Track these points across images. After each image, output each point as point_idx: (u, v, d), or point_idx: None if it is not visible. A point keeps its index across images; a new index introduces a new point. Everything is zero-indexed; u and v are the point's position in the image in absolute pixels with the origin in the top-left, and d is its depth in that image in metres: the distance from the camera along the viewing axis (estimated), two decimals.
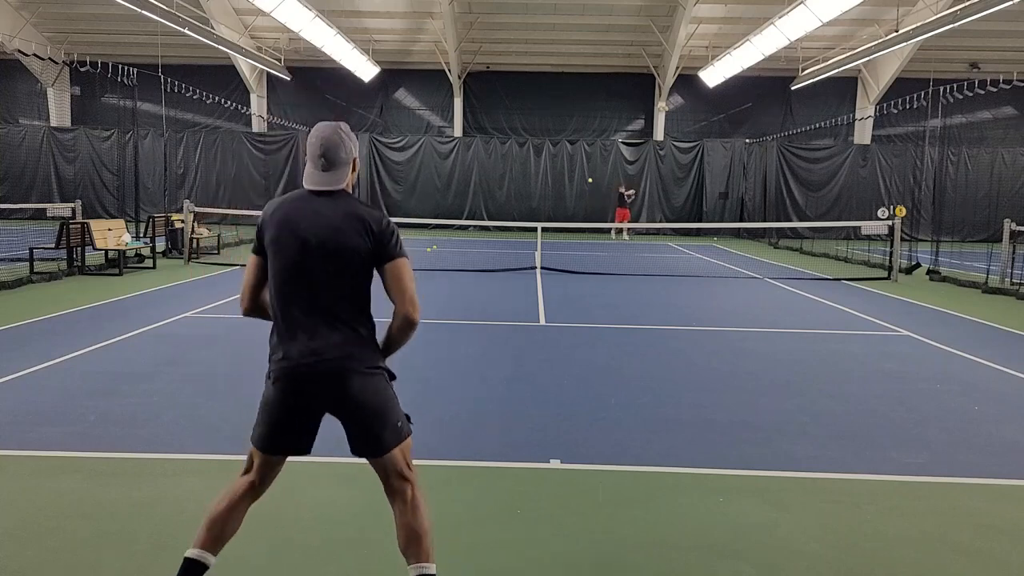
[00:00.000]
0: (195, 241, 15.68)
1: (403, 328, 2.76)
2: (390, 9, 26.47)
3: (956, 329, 9.37)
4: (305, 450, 2.81)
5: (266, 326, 2.87)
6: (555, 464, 4.46)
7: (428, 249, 8.22)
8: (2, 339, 7.51)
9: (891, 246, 14.85)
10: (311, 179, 2.74)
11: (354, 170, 2.82)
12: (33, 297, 10.23)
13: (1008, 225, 13.56)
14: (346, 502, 3.91)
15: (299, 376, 2.67)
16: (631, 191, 26.24)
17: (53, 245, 12.72)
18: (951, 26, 17.14)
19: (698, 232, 28.02)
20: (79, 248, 12.79)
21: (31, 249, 12.20)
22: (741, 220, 27.93)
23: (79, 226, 12.96)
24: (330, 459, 4.47)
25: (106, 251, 13.39)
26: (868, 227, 15.99)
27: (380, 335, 2.79)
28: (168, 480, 4.12)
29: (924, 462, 4.65)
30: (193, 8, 20.79)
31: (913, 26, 19.64)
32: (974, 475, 4.45)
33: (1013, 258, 13.52)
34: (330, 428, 5.21)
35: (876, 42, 21.45)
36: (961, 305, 11.30)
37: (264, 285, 2.81)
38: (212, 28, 22.27)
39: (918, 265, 15.86)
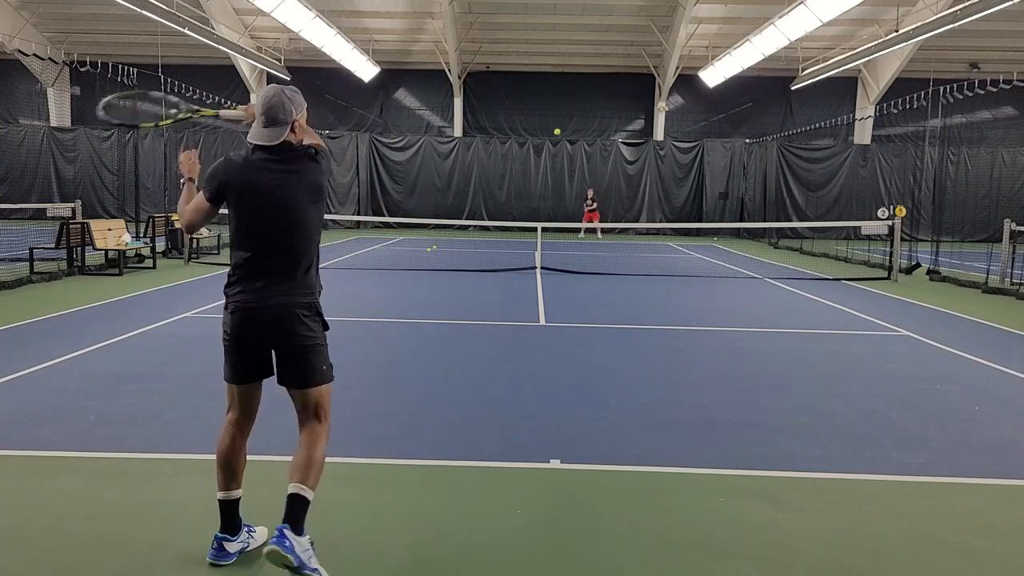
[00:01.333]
0: (195, 241, 15.68)
1: None
2: (390, 9, 26.48)
3: (956, 329, 9.37)
4: (270, 372, 3.28)
5: None
6: (555, 464, 4.46)
7: (428, 249, 8.20)
8: (2, 339, 7.51)
9: (891, 246, 14.85)
10: (256, 135, 3.14)
11: (294, 131, 3.15)
12: (33, 297, 10.23)
13: (1008, 225, 13.56)
14: (344, 502, 3.91)
15: (246, 314, 3.21)
16: (591, 194, 26.20)
17: (53, 245, 12.72)
18: (951, 26, 17.14)
19: (698, 232, 28.02)
20: (79, 248, 12.79)
21: (31, 249, 12.20)
22: (741, 220, 27.94)
23: (79, 226, 12.96)
24: (330, 459, 4.47)
25: (106, 251, 13.40)
26: (868, 227, 15.99)
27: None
28: (168, 480, 4.12)
29: (924, 462, 4.65)
30: (193, 8, 20.80)
31: (913, 26, 19.64)
32: (974, 475, 4.45)
33: (1013, 258, 13.52)
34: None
35: (876, 42, 21.45)
36: (961, 305, 11.30)
37: (205, 223, 3.40)
38: (212, 28, 22.27)
39: (918, 265, 15.86)
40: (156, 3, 17.60)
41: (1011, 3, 15.12)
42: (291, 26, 22.13)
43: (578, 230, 25.37)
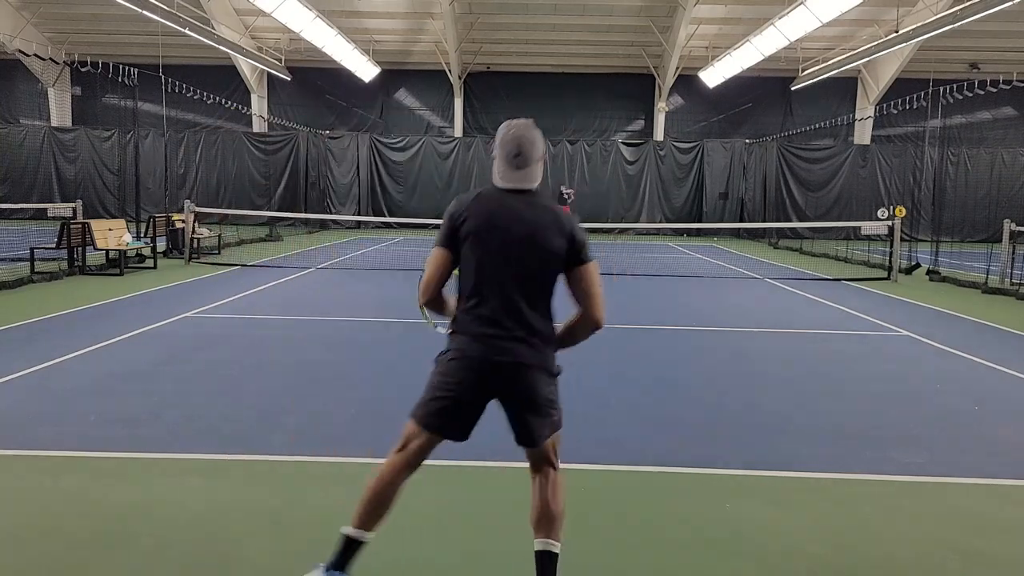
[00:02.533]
0: (196, 241, 15.68)
1: (589, 329, 2.98)
2: (390, 9, 26.49)
3: (956, 329, 9.37)
4: (466, 437, 2.86)
5: (265, 326, 2.88)
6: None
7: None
8: (2, 339, 7.51)
9: (891, 246, 14.85)
10: (506, 177, 2.81)
11: (544, 168, 2.89)
12: (34, 297, 10.23)
13: (1008, 225, 13.56)
14: (346, 502, 3.90)
15: (484, 366, 2.76)
16: (571, 190, 26.13)
17: (54, 245, 12.72)
18: (951, 26, 17.15)
19: (698, 232, 28.02)
20: (80, 248, 12.79)
21: (32, 249, 12.20)
22: (741, 220, 27.93)
23: (80, 226, 12.96)
24: (330, 459, 4.48)
25: (107, 251, 13.39)
26: (868, 227, 15.99)
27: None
28: (168, 480, 4.12)
29: (924, 462, 4.65)
30: (194, 8, 20.81)
31: (913, 26, 19.65)
32: (974, 475, 4.45)
33: (1013, 258, 13.52)
34: (327, 428, 5.22)
35: (876, 42, 21.46)
36: (961, 305, 11.30)
37: (447, 278, 2.88)
38: (213, 28, 22.28)
39: (918, 265, 15.86)
40: (157, 3, 17.61)
41: (1011, 3, 15.13)
42: (292, 26, 22.14)
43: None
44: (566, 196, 25.36)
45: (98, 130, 27.53)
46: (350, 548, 2.86)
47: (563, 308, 3.04)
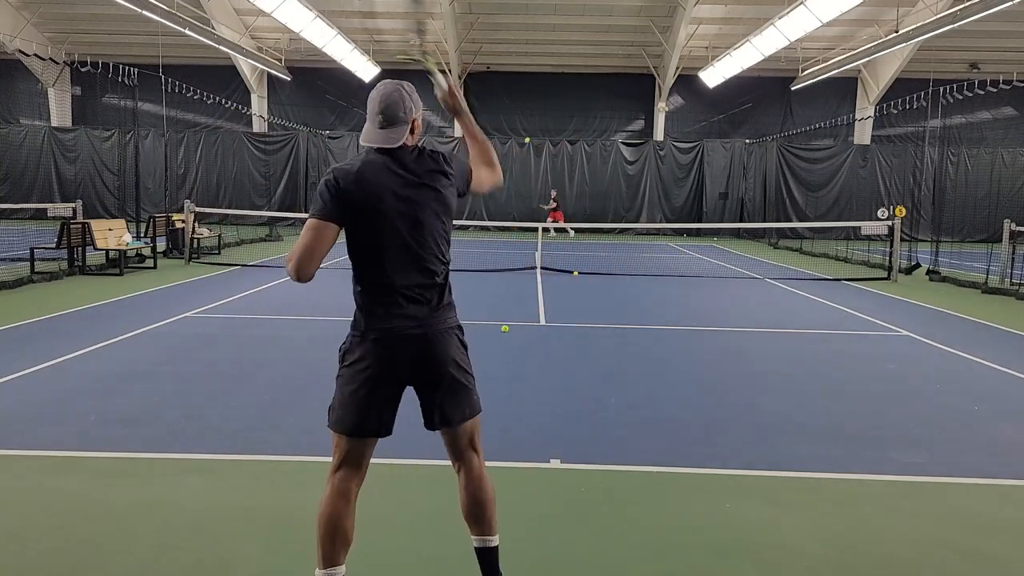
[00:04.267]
0: (196, 241, 15.68)
1: (492, 174, 3.11)
2: (390, 9, 26.49)
3: (956, 329, 9.37)
4: (390, 430, 2.71)
5: (264, 326, 2.87)
6: (555, 464, 4.47)
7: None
8: (3, 339, 7.51)
9: (891, 246, 14.85)
10: (370, 136, 2.72)
11: (413, 132, 2.76)
12: (34, 297, 10.23)
13: (1008, 225, 13.56)
14: None
15: (398, 341, 2.61)
16: (553, 195, 26.04)
17: (54, 245, 12.72)
18: (951, 26, 17.15)
19: (698, 232, 28.01)
20: (80, 248, 12.79)
21: (32, 249, 12.20)
22: (741, 220, 27.93)
23: (80, 226, 12.96)
24: (330, 459, 4.47)
25: (107, 251, 13.40)
26: (868, 227, 15.99)
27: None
28: (168, 480, 4.12)
29: (924, 462, 4.65)
30: (194, 8, 20.81)
31: (913, 26, 19.65)
32: (974, 475, 4.45)
33: (1013, 258, 13.52)
34: (327, 428, 5.20)
35: (876, 42, 21.46)
36: (961, 305, 11.30)
37: (326, 253, 2.61)
38: (213, 28, 22.28)
39: (918, 265, 15.86)
40: (156, 3, 17.61)
41: (1011, 3, 15.12)
42: (292, 26, 22.14)
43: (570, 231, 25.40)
44: (553, 201, 25.40)
45: (98, 130, 27.53)
46: None
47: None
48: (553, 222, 23.93)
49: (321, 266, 2.64)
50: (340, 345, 2.71)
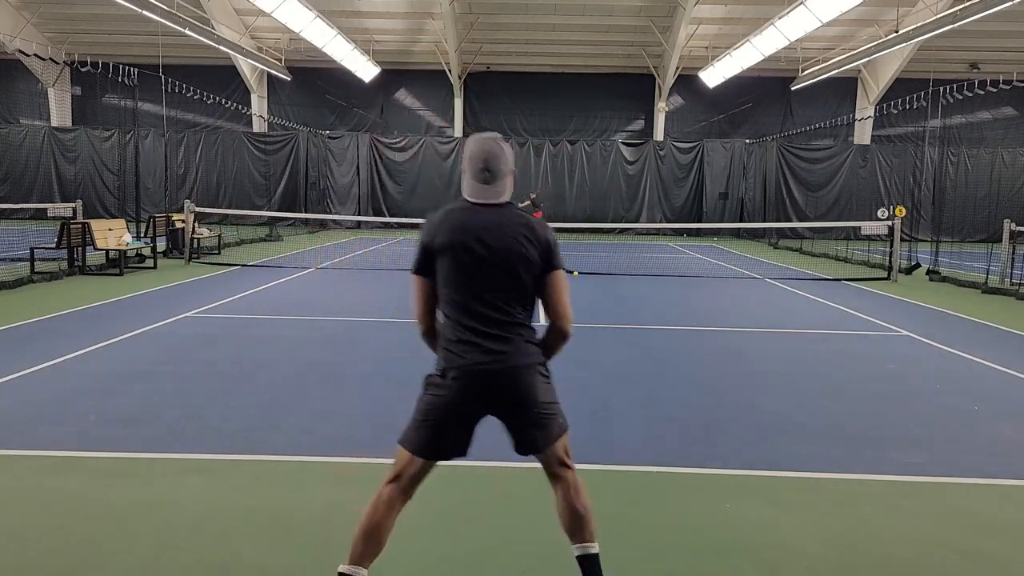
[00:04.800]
0: (196, 241, 15.68)
1: (558, 339, 2.92)
2: (390, 9, 26.49)
3: (956, 329, 9.37)
4: (464, 453, 2.84)
5: (265, 326, 2.87)
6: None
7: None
8: (3, 339, 7.51)
9: (891, 246, 14.85)
10: (475, 192, 2.82)
11: (514, 181, 2.92)
12: (34, 297, 10.23)
13: (1008, 225, 13.56)
14: (346, 502, 3.91)
15: (478, 376, 2.73)
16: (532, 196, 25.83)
17: (54, 245, 12.72)
18: (951, 26, 17.16)
19: (698, 232, 28.02)
20: (80, 248, 12.79)
21: (32, 249, 12.21)
22: (741, 220, 27.94)
23: (80, 226, 12.96)
24: (330, 459, 4.48)
25: (107, 251, 13.40)
26: (868, 227, 15.99)
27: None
28: (168, 480, 4.12)
29: (924, 462, 4.65)
30: (194, 8, 20.81)
31: (913, 26, 19.65)
32: (974, 475, 4.45)
33: (1013, 258, 13.52)
34: (327, 428, 5.22)
35: (876, 42, 21.46)
36: (961, 305, 11.30)
37: (435, 304, 2.87)
38: (213, 28, 22.29)
39: (918, 265, 15.86)
40: (156, 3, 17.61)
41: (1011, 3, 15.13)
42: (292, 26, 22.14)
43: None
44: (535, 201, 25.06)
45: (98, 130, 27.54)
46: None
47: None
48: None
49: (321, 266, 2.68)
50: (425, 376, 2.88)
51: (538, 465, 2.88)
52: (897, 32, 19.95)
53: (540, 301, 2.89)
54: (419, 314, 2.89)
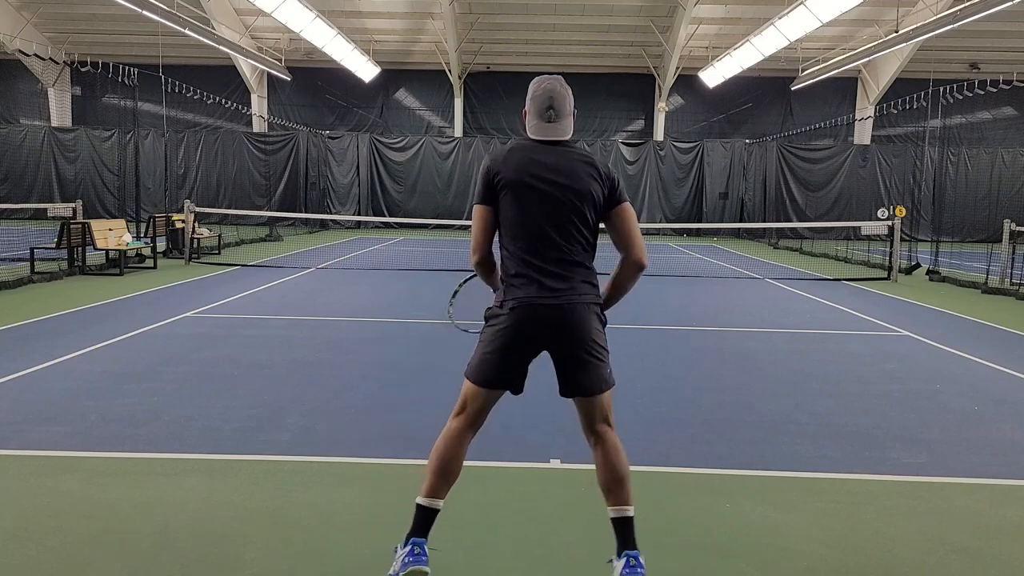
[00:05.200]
0: (196, 241, 15.68)
1: (633, 271, 3.05)
2: (390, 10, 26.50)
3: (956, 329, 9.37)
4: (521, 389, 2.96)
5: (265, 326, 2.88)
6: (555, 464, 4.46)
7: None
8: (3, 339, 7.51)
9: (891, 246, 14.85)
10: (540, 130, 2.93)
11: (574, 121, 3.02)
12: (34, 297, 10.23)
13: (1008, 225, 13.56)
14: (346, 502, 3.91)
15: (535, 310, 2.83)
16: None
17: (54, 245, 12.72)
18: (951, 26, 17.15)
19: (698, 232, 28.02)
20: (80, 248, 12.79)
21: (32, 249, 12.21)
22: (741, 220, 27.95)
23: (80, 226, 12.96)
24: (330, 459, 4.48)
25: (107, 251, 13.40)
26: (868, 227, 15.99)
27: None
28: (168, 480, 4.12)
29: (924, 462, 4.65)
30: (194, 8, 20.81)
31: (913, 26, 19.66)
32: (974, 475, 4.45)
33: (1013, 258, 13.52)
34: (327, 428, 5.21)
35: (876, 42, 21.46)
36: (961, 305, 11.30)
37: (494, 234, 2.95)
38: (213, 28, 22.28)
39: (918, 265, 15.86)
40: (156, 3, 17.61)
41: (1011, 3, 15.13)
42: (292, 26, 22.15)
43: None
44: None
45: (98, 130, 27.54)
46: (425, 517, 2.93)
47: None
48: None
49: (321, 266, 2.73)
50: (485, 309, 3.00)
51: (526, 464, 2.89)
52: (897, 32, 19.95)
53: (610, 237, 3.00)
54: (478, 242, 2.94)
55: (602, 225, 2.99)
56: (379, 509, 3.83)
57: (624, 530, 2.96)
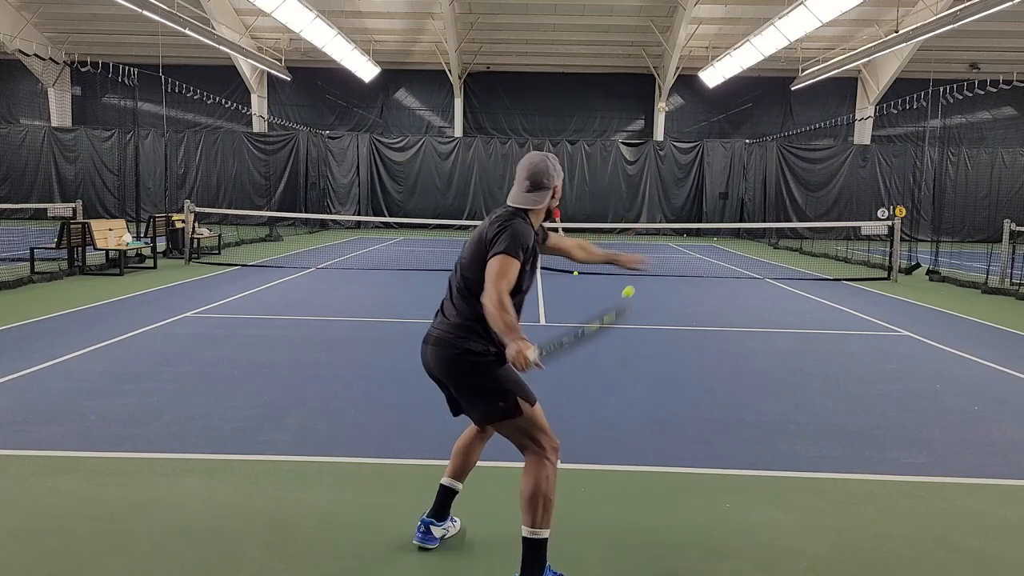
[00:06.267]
0: (196, 241, 15.68)
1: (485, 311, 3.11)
2: (391, 9, 26.50)
3: (956, 329, 9.37)
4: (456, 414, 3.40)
5: (265, 326, 2.88)
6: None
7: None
8: (3, 339, 7.51)
9: (891, 246, 14.85)
10: (516, 198, 3.22)
11: (554, 196, 3.26)
12: (34, 297, 10.23)
13: (1008, 225, 13.56)
14: (346, 502, 3.91)
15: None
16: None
17: (54, 245, 12.72)
18: (951, 26, 17.15)
19: (698, 232, 28.02)
20: (80, 248, 12.79)
21: (32, 249, 12.21)
22: (741, 220, 27.94)
23: (80, 226, 12.96)
24: (330, 459, 4.48)
25: (107, 251, 13.40)
26: (868, 227, 15.99)
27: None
28: (168, 480, 4.12)
29: (924, 462, 4.65)
30: (194, 8, 20.81)
31: (913, 26, 19.65)
32: (974, 475, 4.45)
33: (1013, 258, 13.52)
34: (327, 428, 5.21)
35: (876, 42, 21.46)
36: (961, 305, 11.30)
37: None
38: (213, 28, 22.28)
39: (918, 265, 15.86)
40: (156, 3, 17.61)
41: (1011, 3, 15.12)
42: (292, 26, 22.14)
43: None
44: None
45: (98, 130, 27.54)
46: (446, 496, 3.40)
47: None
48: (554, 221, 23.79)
49: (321, 266, 2.81)
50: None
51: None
52: (897, 32, 19.95)
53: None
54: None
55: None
56: (379, 509, 3.83)
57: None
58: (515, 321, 2.95)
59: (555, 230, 16.92)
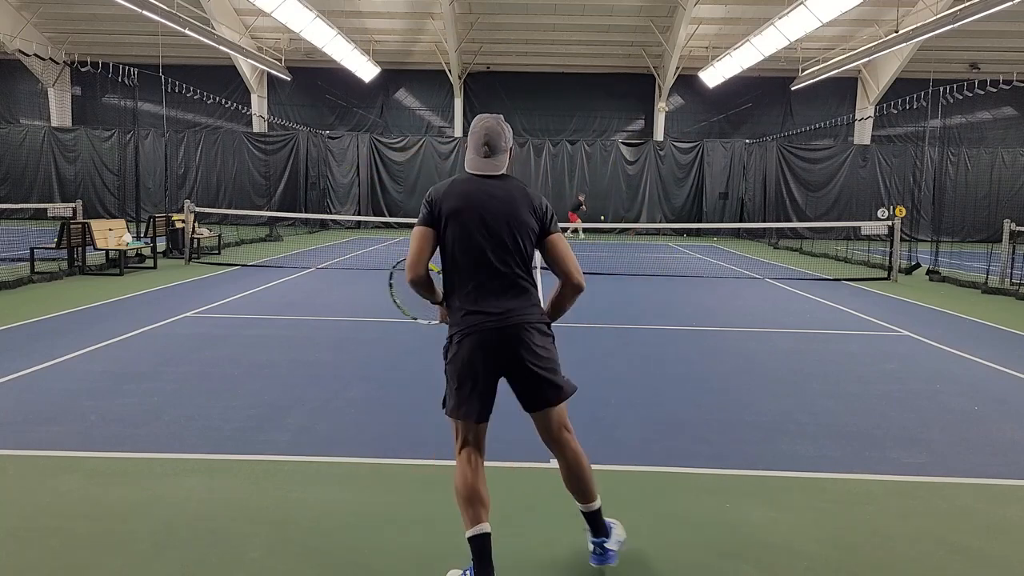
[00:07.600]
0: (196, 241, 15.68)
1: (571, 294, 3.14)
2: (391, 9, 26.50)
3: (956, 329, 9.37)
4: (487, 417, 3.07)
5: (265, 326, 2.88)
6: (555, 464, 4.45)
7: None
8: (3, 339, 7.51)
9: (891, 246, 14.85)
10: (476, 165, 3.12)
11: (510, 157, 3.19)
12: (34, 297, 10.23)
13: (1008, 225, 13.56)
14: (346, 502, 3.91)
15: (483, 335, 2.94)
16: (582, 197, 25.71)
17: (54, 245, 12.73)
18: (951, 26, 17.16)
19: (698, 232, 28.02)
20: (80, 248, 12.79)
21: (32, 249, 12.21)
22: (741, 220, 27.94)
23: (80, 226, 12.96)
24: (330, 459, 4.48)
25: (107, 251, 13.40)
26: (868, 227, 15.99)
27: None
28: (168, 480, 4.12)
29: (924, 462, 4.65)
30: (194, 8, 20.81)
31: (913, 26, 19.65)
32: (974, 475, 4.45)
33: (1013, 258, 13.52)
34: (327, 428, 5.21)
35: (876, 42, 21.46)
36: (961, 305, 11.30)
37: (431, 255, 3.05)
38: (213, 28, 22.29)
39: (918, 265, 15.86)
40: (156, 3, 17.61)
41: (1011, 3, 15.13)
42: (292, 26, 22.14)
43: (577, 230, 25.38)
44: (581, 204, 25.07)
45: (98, 130, 27.54)
46: (480, 546, 2.95)
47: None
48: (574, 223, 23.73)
49: (321, 266, 2.78)
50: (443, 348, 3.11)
51: (526, 464, 2.94)
52: (897, 32, 19.95)
53: (550, 267, 3.11)
54: (414, 260, 3.00)
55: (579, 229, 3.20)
56: (379, 509, 3.83)
57: (594, 521, 3.21)
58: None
59: (575, 231, 16.82)
